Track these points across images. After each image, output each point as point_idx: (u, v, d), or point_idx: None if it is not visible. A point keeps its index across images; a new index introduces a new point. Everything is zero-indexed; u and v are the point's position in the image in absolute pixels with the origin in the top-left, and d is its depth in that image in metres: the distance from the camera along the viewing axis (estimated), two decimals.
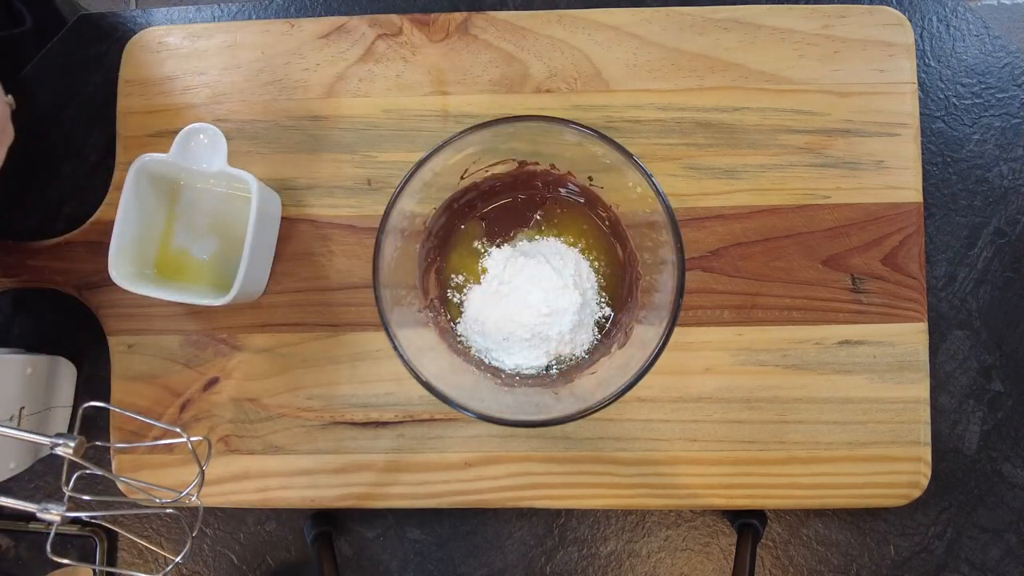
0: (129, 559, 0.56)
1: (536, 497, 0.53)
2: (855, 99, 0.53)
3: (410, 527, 0.55)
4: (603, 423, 0.52)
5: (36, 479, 0.56)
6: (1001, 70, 0.56)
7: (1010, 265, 0.55)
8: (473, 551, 0.55)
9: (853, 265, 0.53)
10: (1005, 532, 0.54)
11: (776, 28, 0.54)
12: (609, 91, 0.54)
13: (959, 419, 0.54)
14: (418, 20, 0.55)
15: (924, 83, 0.56)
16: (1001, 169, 0.55)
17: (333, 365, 0.53)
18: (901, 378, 0.52)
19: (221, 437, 0.53)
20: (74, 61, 0.57)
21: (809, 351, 0.52)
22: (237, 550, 0.56)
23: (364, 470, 0.53)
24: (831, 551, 0.55)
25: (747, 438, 0.52)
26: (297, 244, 0.54)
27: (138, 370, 0.54)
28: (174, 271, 0.53)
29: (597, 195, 0.51)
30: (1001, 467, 0.54)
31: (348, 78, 0.55)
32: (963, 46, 0.56)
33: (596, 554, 0.55)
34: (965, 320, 0.55)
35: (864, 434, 0.52)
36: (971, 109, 0.56)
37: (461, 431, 0.53)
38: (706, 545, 0.55)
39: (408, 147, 0.54)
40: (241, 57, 0.55)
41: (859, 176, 0.53)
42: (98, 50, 0.57)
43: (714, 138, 0.53)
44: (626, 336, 0.49)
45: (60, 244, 0.54)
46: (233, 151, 0.51)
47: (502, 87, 0.54)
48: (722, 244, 0.53)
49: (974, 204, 0.55)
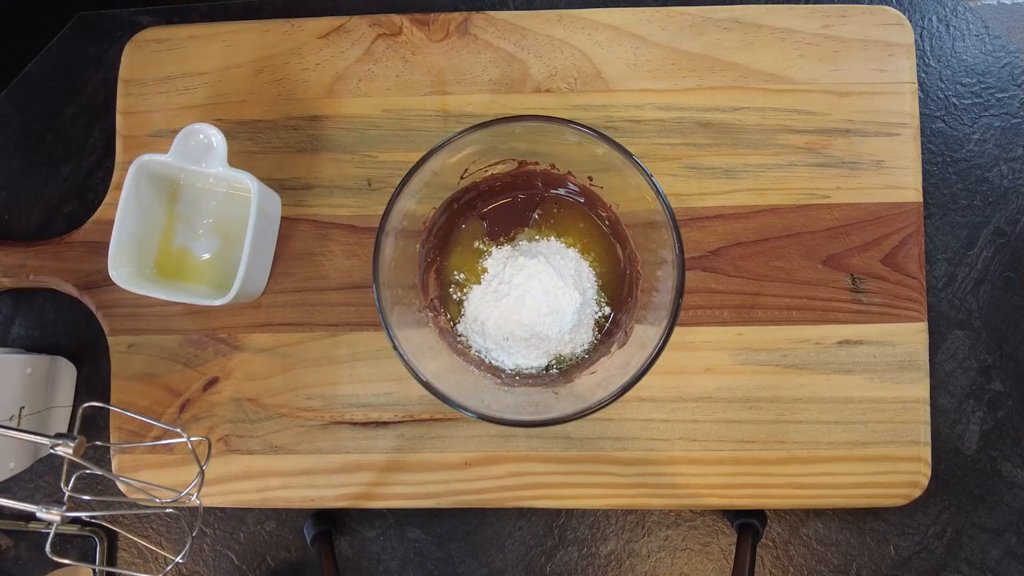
0: (129, 559, 0.56)
1: (536, 497, 0.53)
2: (855, 99, 0.53)
3: (410, 527, 0.55)
4: (603, 423, 0.52)
5: (36, 479, 0.56)
6: (1001, 70, 0.56)
7: (1010, 265, 0.55)
8: (473, 551, 0.55)
9: (853, 265, 0.53)
10: (1005, 532, 0.54)
11: (776, 28, 0.54)
12: (609, 91, 0.54)
13: (959, 419, 0.54)
14: (418, 20, 0.55)
15: (924, 83, 0.56)
16: (1001, 169, 0.55)
17: (333, 365, 0.53)
18: (901, 378, 0.52)
19: (221, 437, 0.53)
20: (74, 61, 0.57)
21: (809, 351, 0.52)
22: (237, 550, 0.56)
23: (364, 470, 0.53)
24: (831, 551, 0.55)
25: (747, 438, 0.52)
26: (297, 244, 0.54)
27: (138, 370, 0.54)
28: (174, 271, 0.53)
29: (597, 195, 0.51)
30: (1001, 467, 0.54)
31: (348, 78, 0.55)
32: (963, 46, 0.56)
33: (596, 554, 0.55)
34: (965, 320, 0.55)
35: (864, 434, 0.52)
36: (971, 109, 0.56)
37: (461, 431, 0.53)
38: (706, 545, 0.55)
39: (408, 147, 0.54)
40: (241, 57, 0.55)
41: (859, 176, 0.53)
42: (98, 50, 0.57)
43: (714, 138, 0.53)
44: (626, 336, 0.49)
45: (60, 244, 0.54)
46: (233, 151, 0.51)
47: (502, 87, 0.54)
48: (722, 244, 0.53)
49: (974, 204, 0.55)
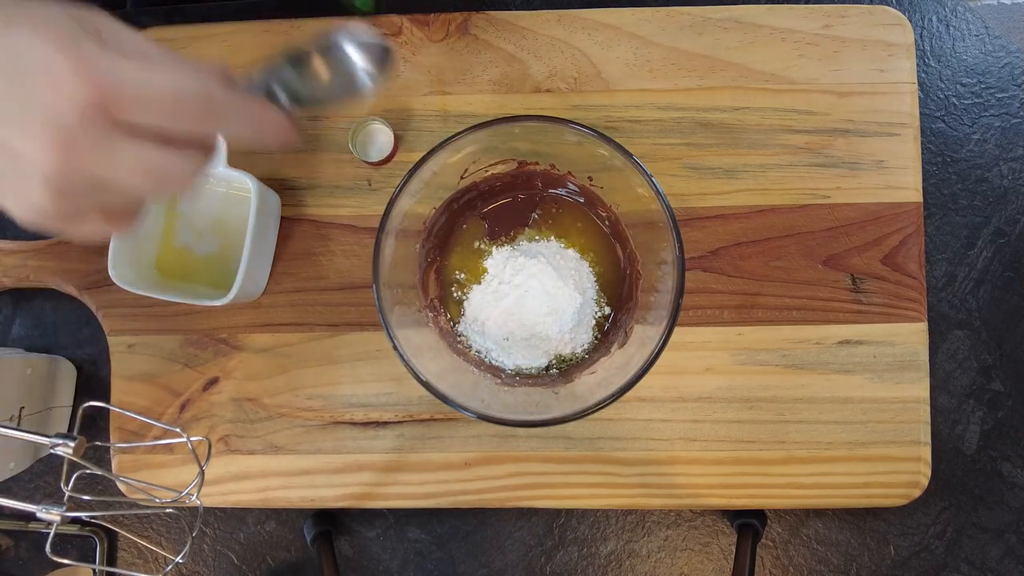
0: (129, 559, 0.56)
1: (536, 497, 0.53)
2: (855, 99, 0.53)
3: (410, 527, 0.55)
4: (603, 423, 0.52)
5: (36, 479, 0.56)
6: (1001, 70, 0.56)
7: (1010, 265, 0.55)
8: (473, 551, 0.55)
9: (853, 265, 0.53)
10: (1005, 532, 0.54)
11: (776, 28, 0.54)
12: (609, 91, 0.54)
13: (959, 419, 0.54)
14: (418, 20, 0.55)
15: (924, 83, 0.56)
16: (1001, 169, 0.55)
17: (333, 365, 0.53)
18: (901, 378, 0.52)
19: (221, 437, 0.53)
20: None
21: (809, 351, 0.52)
22: (237, 550, 0.56)
23: (364, 470, 0.53)
24: (831, 551, 0.55)
25: (747, 438, 0.52)
26: (297, 244, 0.54)
27: (138, 370, 0.54)
28: (174, 271, 0.53)
29: (597, 195, 0.51)
30: (1001, 467, 0.54)
31: None
32: (963, 46, 0.56)
33: (596, 554, 0.55)
34: (965, 320, 0.55)
35: (864, 434, 0.52)
36: (971, 109, 0.56)
37: (461, 431, 0.53)
38: (706, 545, 0.55)
39: (408, 147, 0.54)
40: (241, 57, 0.55)
41: (859, 176, 0.53)
42: None
43: (714, 138, 0.53)
44: (626, 336, 0.49)
45: (60, 244, 0.54)
46: (233, 151, 0.51)
47: (502, 87, 0.54)
48: (722, 244, 0.53)
49: (974, 204, 0.55)
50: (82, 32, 0.26)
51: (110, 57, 0.26)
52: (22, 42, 0.25)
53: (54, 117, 0.25)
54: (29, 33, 0.26)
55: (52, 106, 0.25)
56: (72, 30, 0.26)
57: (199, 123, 0.28)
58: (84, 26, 0.27)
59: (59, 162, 0.26)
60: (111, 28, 0.28)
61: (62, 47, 0.25)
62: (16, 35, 0.26)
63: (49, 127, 0.25)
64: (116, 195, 0.28)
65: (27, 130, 0.25)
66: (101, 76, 0.26)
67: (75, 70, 0.25)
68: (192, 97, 0.28)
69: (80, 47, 0.26)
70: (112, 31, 0.28)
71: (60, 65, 0.25)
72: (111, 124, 0.26)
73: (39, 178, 0.26)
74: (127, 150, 0.27)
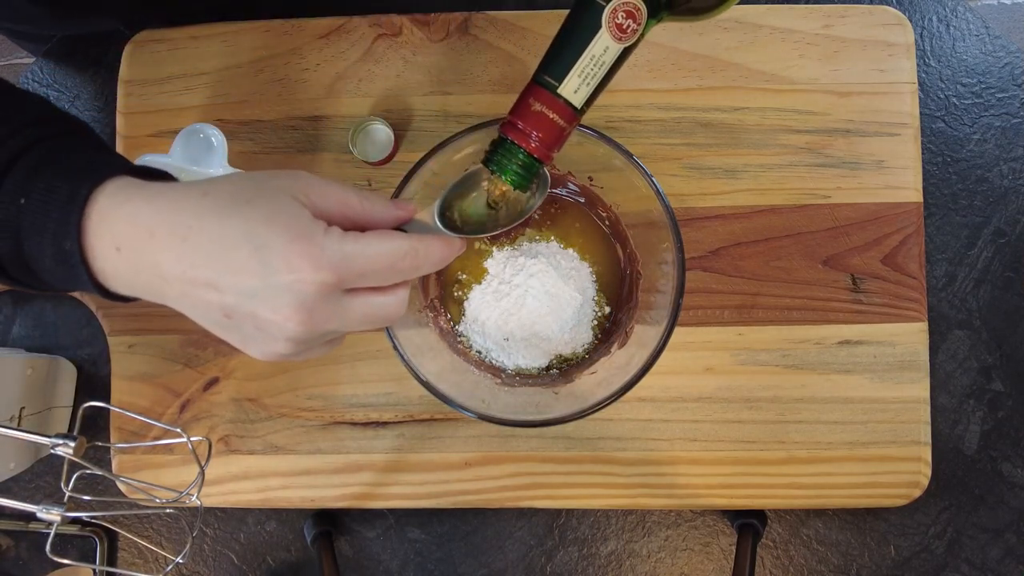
0: (129, 559, 0.56)
1: (536, 497, 0.53)
2: (855, 99, 0.53)
3: (410, 527, 0.55)
4: (603, 423, 0.52)
5: (36, 479, 0.56)
6: (1001, 70, 0.56)
7: (1010, 265, 0.55)
8: (473, 551, 0.55)
9: (853, 265, 0.53)
10: (1005, 532, 0.54)
11: (776, 28, 0.54)
12: (609, 91, 0.54)
13: (959, 419, 0.54)
14: (418, 20, 0.55)
15: (924, 83, 0.56)
16: (1001, 169, 0.55)
17: (333, 365, 0.53)
18: (901, 378, 0.52)
19: (221, 437, 0.53)
20: (74, 61, 0.57)
21: (809, 351, 0.52)
22: (237, 550, 0.56)
23: (364, 470, 0.53)
24: (831, 551, 0.55)
25: (747, 438, 0.52)
26: None
27: (138, 370, 0.54)
28: None
29: (597, 195, 0.51)
30: (1001, 467, 0.54)
31: (348, 78, 0.55)
32: (963, 46, 0.56)
33: (596, 554, 0.55)
34: (965, 320, 0.55)
35: (864, 434, 0.52)
36: (971, 109, 0.56)
37: (461, 431, 0.53)
38: (706, 545, 0.55)
39: (408, 147, 0.54)
40: (241, 57, 0.55)
41: (859, 176, 0.53)
42: (98, 50, 0.57)
43: (714, 138, 0.53)
44: (626, 336, 0.49)
45: None
46: (233, 151, 0.51)
47: (502, 87, 0.54)
48: (722, 244, 0.53)
49: (974, 204, 0.55)
50: (310, 222, 0.31)
51: (334, 241, 0.31)
52: (260, 234, 0.30)
53: (298, 297, 0.30)
54: (265, 226, 0.30)
55: (295, 289, 0.30)
56: (299, 218, 0.31)
57: (406, 275, 0.34)
58: (300, 199, 0.32)
59: (301, 327, 0.31)
60: (317, 189, 0.33)
61: (294, 239, 0.30)
62: (252, 225, 0.30)
63: (294, 304, 0.31)
64: (341, 334, 0.35)
65: (273, 305, 0.31)
66: (334, 263, 0.31)
67: (314, 265, 0.30)
68: (402, 258, 0.33)
69: (312, 241, 0.31)
70: (319, 192, 0.33)
71: (298, 261, 0.30)
72: (341, 293, 0.32)
73: (283, 339, 0.32)
74: (354, 308, 0.33)
